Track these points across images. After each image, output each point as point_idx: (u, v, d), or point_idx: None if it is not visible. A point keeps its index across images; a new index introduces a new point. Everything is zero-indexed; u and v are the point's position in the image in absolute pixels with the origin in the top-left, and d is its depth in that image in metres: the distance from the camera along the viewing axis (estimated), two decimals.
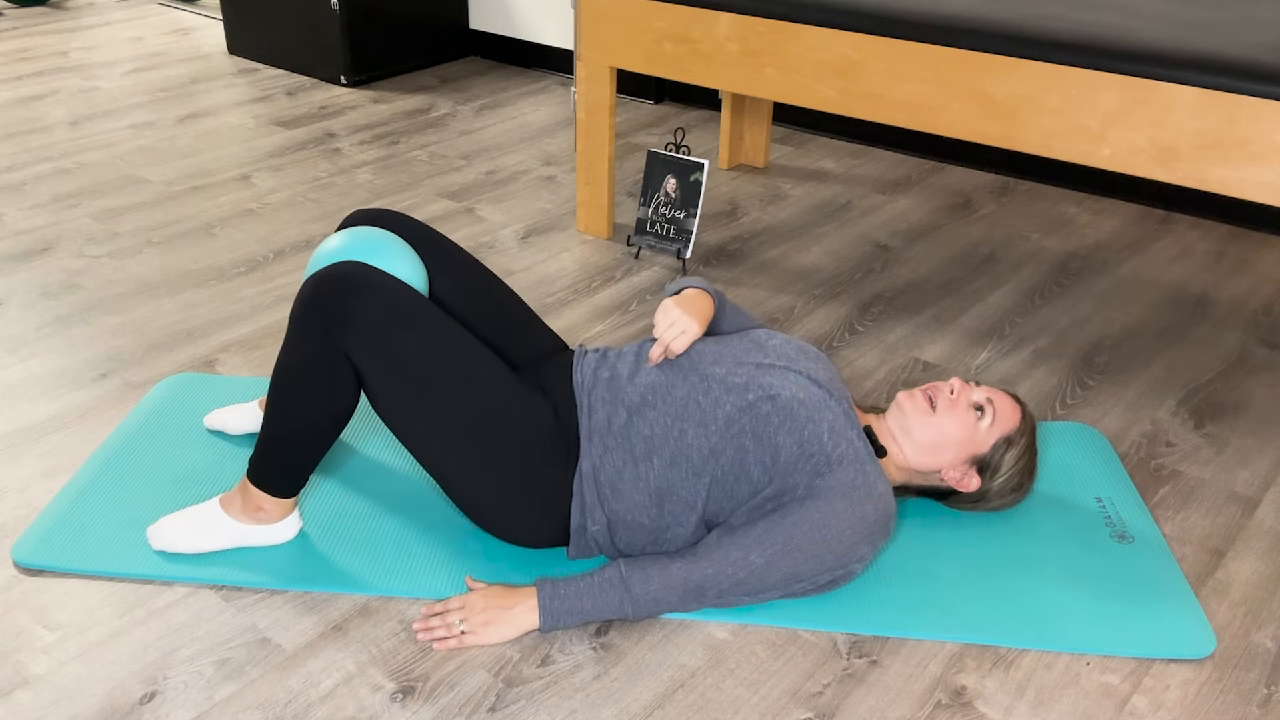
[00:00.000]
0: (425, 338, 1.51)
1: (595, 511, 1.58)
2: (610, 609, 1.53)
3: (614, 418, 1.58)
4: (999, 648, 1.55)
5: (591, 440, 1.57)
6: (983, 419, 1.65)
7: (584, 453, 1.57)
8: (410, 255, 1.67)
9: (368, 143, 3.42)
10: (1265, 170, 1.77)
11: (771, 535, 1.51)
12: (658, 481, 1.56)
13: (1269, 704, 1.47)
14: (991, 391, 1.69)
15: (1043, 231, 2.88)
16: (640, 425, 1.56)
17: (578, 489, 1.57)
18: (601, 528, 1.58)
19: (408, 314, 1.51)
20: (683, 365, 1.60)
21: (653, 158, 2.63)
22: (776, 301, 2.49)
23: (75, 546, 1.66)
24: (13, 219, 2.83)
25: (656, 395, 1.58)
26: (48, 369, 2.17)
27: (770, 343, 1.67)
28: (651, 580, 1.52)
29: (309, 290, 1.50)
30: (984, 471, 1.67)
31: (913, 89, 2.08)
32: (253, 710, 1.42)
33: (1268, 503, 1.86)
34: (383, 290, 1.51)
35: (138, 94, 3.83)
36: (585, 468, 1.57)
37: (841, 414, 1.58)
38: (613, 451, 1.57)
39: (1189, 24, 1.97)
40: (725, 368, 1.60)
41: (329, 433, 1.57)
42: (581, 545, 1.61)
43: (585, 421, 1.59)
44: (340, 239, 1.65)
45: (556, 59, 4.09)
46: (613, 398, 1.59)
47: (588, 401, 1.60)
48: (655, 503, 1.57)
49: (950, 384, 1.68)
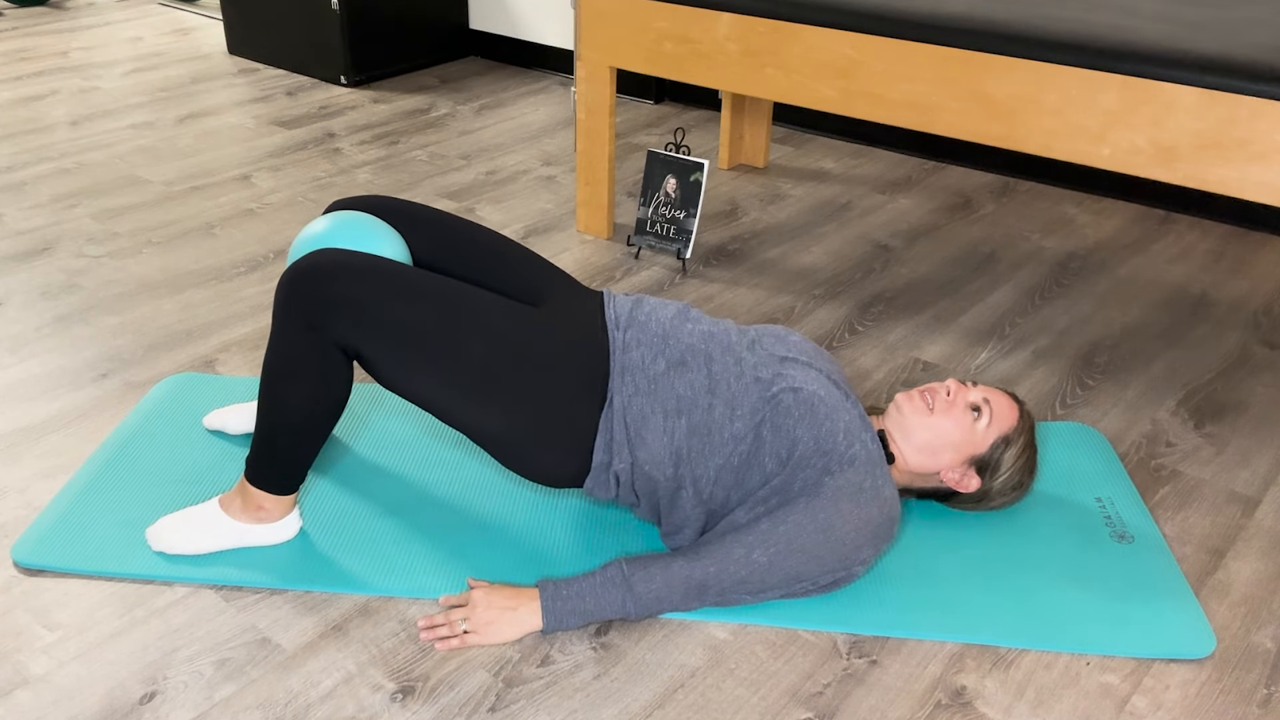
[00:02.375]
0: (411, 301, 1.50)
1: (622, 450, 1.56)
2: (613, 608, 1.53)
3: (651, 364, 1.57)
4: (999, 648, 1.55)
5: (623, 377, 1.57)
6: (980, 419, 1.64)
7: (615, 388, 1.56)
8: (383, 228, 1.65)
9: (368, 143, 3.42)
10: (1265, 170, 1.77)
11: (775, 534, 1.51)
12: (680, 443, 1.56)
13: (1269, 704, 1.47)
14: (988, 391, 1.69)
15: (1043, 231, 2.88)
16: (676, 382, 1.56)
17: (605, 424, 1.56)
18: (625, 466, 1.57)
19: (386, 283, 1.50)
20: (722, 342, 1.62)
21: (653, 158, 2.63)
22: (776, 301, 2.49)
23: (75, 546, 1.66)
24: (13, 219, 2.83)
25: (695, 359, 1.58)
26: (48, 369, 2.17)
27: (790, 338, 1.69)
28: (654, 579, 1.52)
29: (285, 287, 1.50)
30: (983, 471, 1.67)
31: (912, 89, 2.08)
32: (253, 710, 1.42)
33: (1268, 503, 1.86)
34: (356, 269, 1.50)
35: (138, 94, 3.83)
36: (616, 404, 1.56)
37: (857, 416, 1.58)
38: (644, 394, 1.56)
39: (1189, 24, 1.97)
40: (757, 356, 1.61)
41: (323, 426, 1.56)
42: (601, 481, 1.59)
43: (618, 357, 1.58)
44: (312, 228, 1.64)
45: (556, 59, 4.09)
46: (652, 342, 1.59)
47: (622, 338, 1.59)
48: (673, 461, 1.56)
49: (946, 385, 1.68)
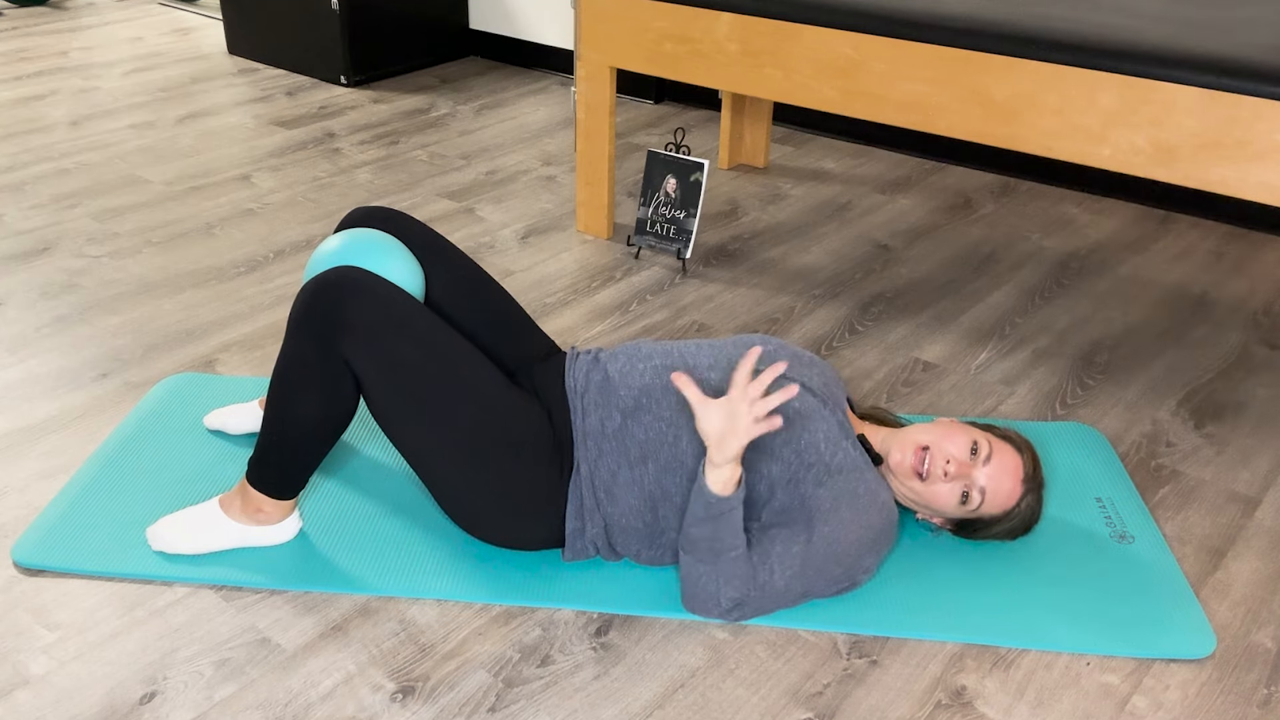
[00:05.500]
0: (421, 343, 1.51)
1: (593, 515, 1.57)
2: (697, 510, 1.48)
3: (607, 421, 1.57)
4: (999, 648, 1.55)
5: (586, 444, 1.57)
6: (966, 504, 1.59)
7: (579, 456, 1.57)
8: (407, 257, 1.67)
9: (368, 143, 3.42)
10: (1265, 170, 1.77)
11: (788, 558, 1.50)
12: (652, 486, 1.55)
13: (1269, 704, 1.47)
14: (997, 468, 1.58)
15: (1043, 231, 2.88)
16: (635, 429, 1.56)
17: (574, 492, 1.57)
18: (599, 530, 1.58)
19: (403, 319, 1.51)
20: (677, 369, 1.60)
21: (653, 158, 2.62)
22: (776, 301, 2.49)
23: (75, 546, 1.66)
24: (13, 219, 2.83)
25: (651, 399, 1.57)
26: (48, 369, 2.17)
27: (764, 349, 1.67)
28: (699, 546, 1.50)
29: (306, 296, 1.50)
30: (962, 529, 1.67)
31: (913, 89, 2.08)
32: (253, 710, 1.42)
33: (1268, 503, 1.86)
34: (379, 296, 1.51)
35: (138, 94, 3.83)
36: (583, 471, 1.57)
37: (836, 423, 1.58)
38: (607, 455, 1.56)
39: (1189, 24, 1.97)
40: (720, 374, 1.60)
41: (329, 437, 1.57)
42: (578, 548, 1.61)
43: (579, 424, 1.58)
44: (338, 241, 1.65)
45: (556, 59, 4.09)
46: (605, 401, 1.58)
47: (580, 405, 1.59)
48: (649, 507, 1.56)
49: (946, 456, 1.57)
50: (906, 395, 2.14)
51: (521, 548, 1.63)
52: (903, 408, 2.10)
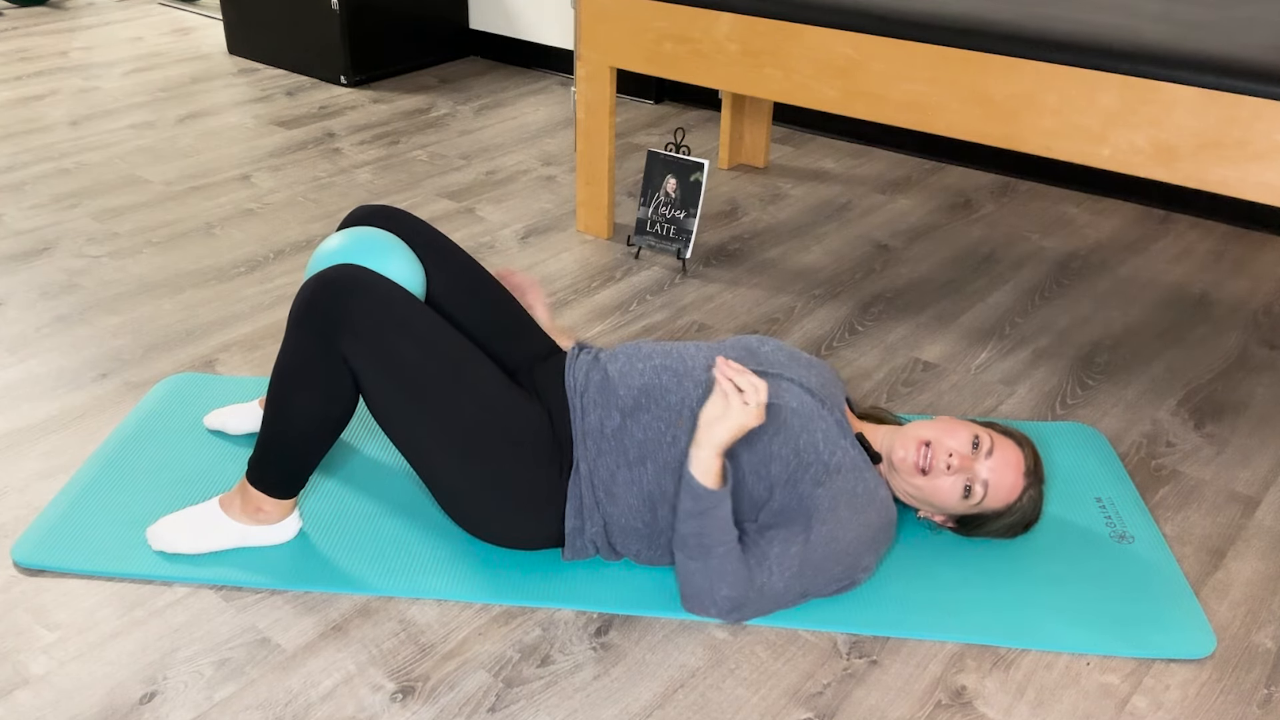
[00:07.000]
0: (422, 343, 1.51)
1: (593, 514, 1.57)
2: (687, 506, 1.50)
3: (606, 421, 1.57)
4: (999, 648, 1.55)
5: (585, 443, 1.57)
6: (969, 499, 1.59)
7: (579, 455, 1.57)
8: (409, 256, 1.67)
9: (368, 143, 3.42)
10: (1265, 170, 1.77)
11: (786, 559, 1.50)
12: (650, 486, 1.56)
13: (1269, 704, 1.47)
14: (999, 461, 1.58)
15: (1043, 231, 2.88)
16: (634, 429, 1.56)
17: (574, 491, 1.57)
18: (598, 529, 1.58)
19: (405, 319, 1.51)
20: (677, 369, 1.60)
21: (653, 158, 2.62)
22: (776, 301, 2.49)
23: (75, 546, 1.66)
24: (13, 219, 2.83)
25: (650, 399, 1.57)
26: (48, 369, 2.17)
27: (762, 349, 1.67)
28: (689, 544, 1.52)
29: (307, 293, 1.51)
30: (964, 525, 1.67)
31: (913, 89, 2.08)
32: (253, 710, 1.42)
33: (1268, 503, 1.86)
34: (380, 294, 1.51)
35: (138, 94, 3.83)
36: (583, 470, 1.57)
37: (834, 422, 1.58)
38: (606, 455, 1.56)
39: (1189, 24, 1.97)
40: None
41: (329, 435, 1.57)
42: (577, 547, 1.61)
43: (578, 424, 1.58)
44: (340, 239, 1.65)
45: (556, 59, 4.09)
46: (605, 400, 1.58)
47: (580, 404, 1.59)
48: (649, 507, 1.56)
49: (949, 450, 1.57)
50: (906, 395, 2.14)
51: (521, 547, 1.63)
52: (903, 408, 2.10)
